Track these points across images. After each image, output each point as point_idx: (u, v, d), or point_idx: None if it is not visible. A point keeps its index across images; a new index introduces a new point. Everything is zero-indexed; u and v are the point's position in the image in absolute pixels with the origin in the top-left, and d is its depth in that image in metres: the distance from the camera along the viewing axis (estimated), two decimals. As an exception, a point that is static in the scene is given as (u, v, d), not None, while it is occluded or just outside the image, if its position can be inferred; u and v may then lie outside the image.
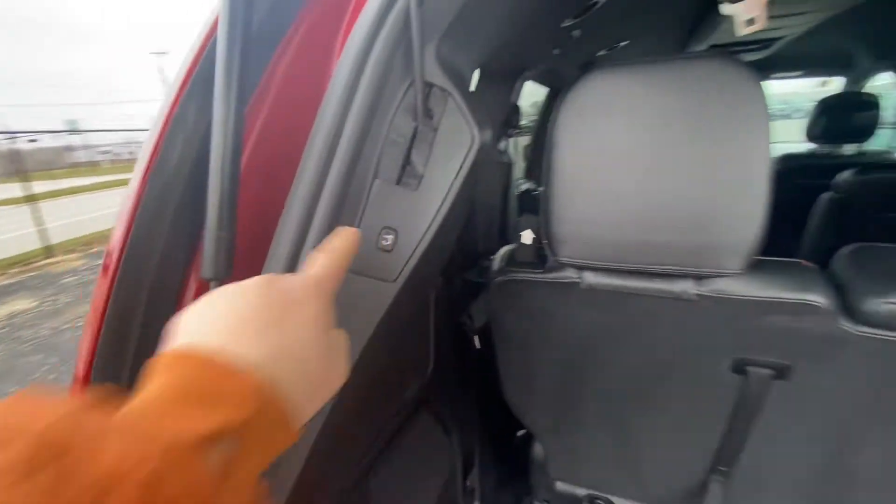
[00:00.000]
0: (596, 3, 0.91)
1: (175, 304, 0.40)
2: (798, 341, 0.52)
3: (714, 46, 1.63)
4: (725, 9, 0.44)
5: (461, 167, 0.43)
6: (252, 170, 0.40)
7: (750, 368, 0.56)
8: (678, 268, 0.52)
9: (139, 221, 0.37)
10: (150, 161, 0.37)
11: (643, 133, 0.50)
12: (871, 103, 1.73)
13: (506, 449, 1.10)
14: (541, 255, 0.62)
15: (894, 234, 0.56)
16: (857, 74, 2.04)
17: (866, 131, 1.73)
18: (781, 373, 0.55)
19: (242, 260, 0.38)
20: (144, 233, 0.37)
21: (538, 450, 0.92)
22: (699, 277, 0.52)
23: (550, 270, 0.59)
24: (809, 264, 0.53)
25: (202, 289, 0.40)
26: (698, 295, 0.52)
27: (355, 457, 0.57)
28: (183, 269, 0.40)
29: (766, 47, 1.71)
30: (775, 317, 0.50)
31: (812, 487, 0.65)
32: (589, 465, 0.89)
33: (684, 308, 0.54)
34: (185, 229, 0.40)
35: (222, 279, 0.36)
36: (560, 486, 0.97)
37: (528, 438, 0.95)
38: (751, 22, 0.43)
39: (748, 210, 0.47)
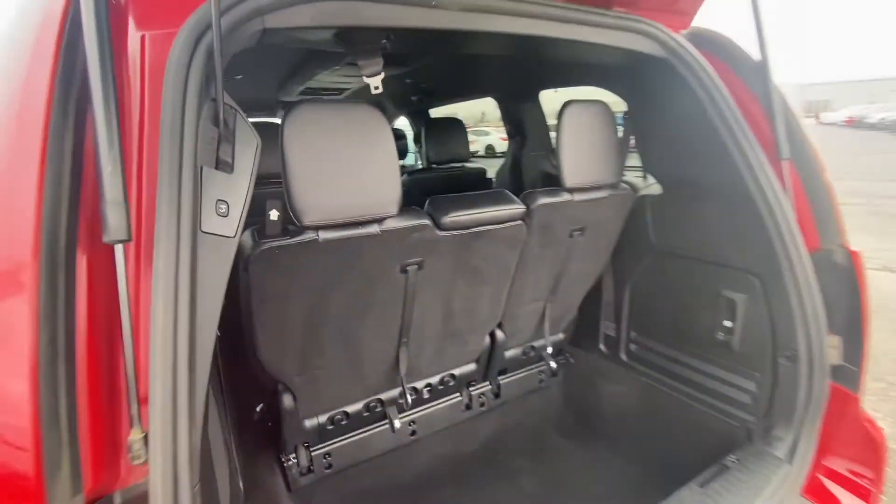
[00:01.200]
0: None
1: (75, 269, 0.43)
2: (423, 246, 1.04)
3: (308, 88, 2.18)
4: (366, 79, 0.88)
5: (254, 158, 0.66)
6: None
7: (408, 268, 1.05)
8: (369, 216, 0.92)
9: (47, 205, 0.40)
10: (43, 154, 0.41)
11: (337, 141, 0.86)
12: (402, 135, 2.84)
13: (258, 420, 1.23)
14: (284, 228, 0.87)
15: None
16: (389, 117, 3.20)
17: (404, 152, 2.84)
18: (420, 265, 1.06)
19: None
20: (51, 214, 0.40)
21: (287, 401, 1.14)
22: (379, 220, 0.94)
23: (295, 235, 0.87)
24: (419, 208, 1.06)
25: (102, 252, 0.45)
26: (381, 231, 0.95)
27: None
28: (75, 239, 0.44)
29: (339, 94, 2.45)
30: (413, 234, 1.00)
31: (441, 328, 1.24)
32: (328, 388, 1.20)
33: (374, 241, 0.95)
34: (72, 206, 0.44)
35: (126, 241, 0.47)
36: (307, 423, 1.22)
37: (277, 405, 1.14)
38: (377, 88, 0.89)
39: (394, 181, 0.93)
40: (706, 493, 0.98)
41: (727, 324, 1.20)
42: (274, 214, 0.86)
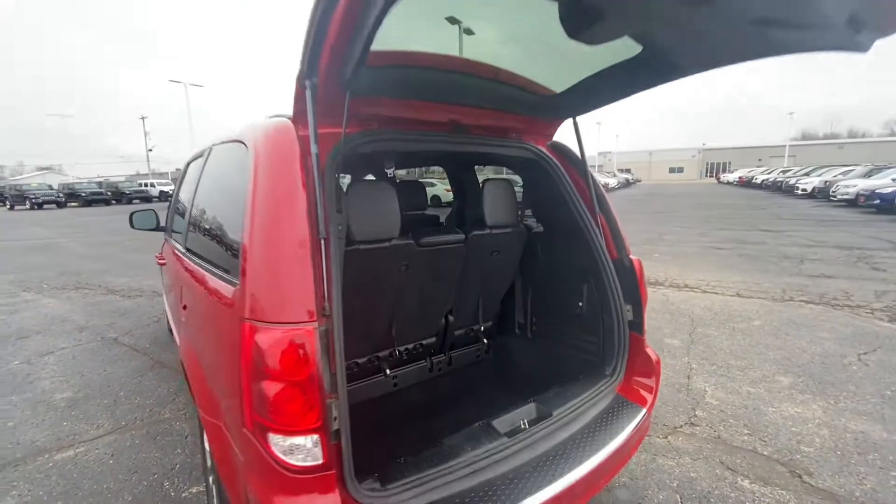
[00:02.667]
0: None
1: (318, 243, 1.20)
2: (409, 255, 1.85)
3: None
4: (386, 169, 1.71)
5: (345, 205, 1.47)
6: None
7: (401, 268, 1.85)
8: (384, 237, 1.72)
9: (310, 221, 1.18)
10: (307, 206, 1.19)
11: (371, 200, 1.68)
12: None
13: None
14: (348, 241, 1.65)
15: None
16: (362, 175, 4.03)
17: None
18: (408, 267, 1.87)
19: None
20: (312, 223, 1.18)
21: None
22: (388, 240, 1.74)
23: (349, 246, 1.65)
24: (408, 235, 1.87)
25: (318, 240, 1.21)
26: (389, 245, 1.75)
27: None
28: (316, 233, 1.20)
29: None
30: (405, 248, 1.81)
31: (417, 307, 2.03)
32: (366, 340, 1.93)
33: (385, 251, 1.74)
34: (315, 222, 1.21)
35: (325, 237, 1.25)
36: (354, 363, 1.94)
37: None
38: (392, 175, 1.73)
39: (396, 220, 1.75)
40: (563, 388, 1.82)
41: (580, 303, 2.10)
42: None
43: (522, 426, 1.58)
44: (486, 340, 2.39)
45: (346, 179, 2.63)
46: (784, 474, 2.19)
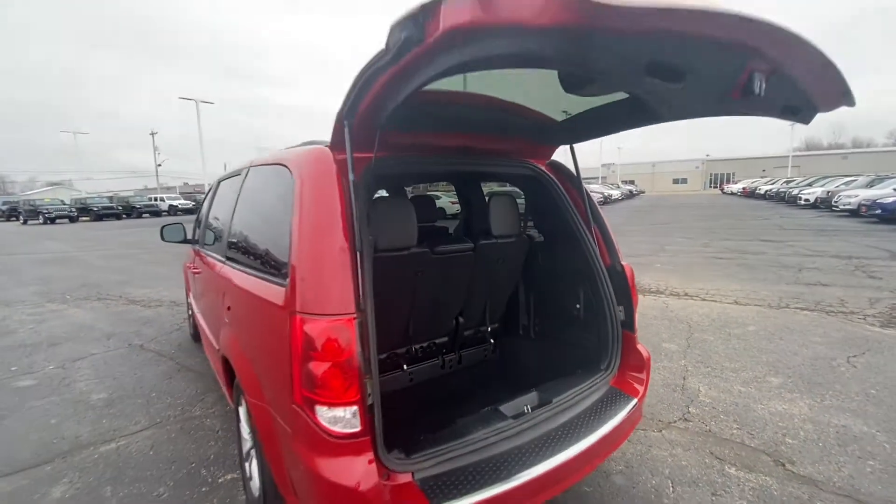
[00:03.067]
0: None
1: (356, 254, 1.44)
2: (424, 262, 2.09)
3: None
4: (406, 189, 1.96)
5: (371, 218, 1.72)
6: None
7: (417, 273, 2.09)
8: (402, 246, 1.96)
9: (349, 234, 1.42)
10: (344, 223, 1.44)
11: (392, 214, 1.93)
12: None
13: None
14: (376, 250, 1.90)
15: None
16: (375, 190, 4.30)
17: None
18: (423, 273, 2.11)
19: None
20: (351, 236, 1.43)
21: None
22: (407, 248, 1.98)
23: (376, 252, 1.89)
24: (423, 244, 2.12)
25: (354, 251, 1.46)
26: (407, 253, 1.99)
27: None
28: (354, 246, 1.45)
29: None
30: (420, 256, 2.06)
31: (430, 309, 2.27)
32: (386, 338, 2.15)
33: (403, 258, 1.99)
34: (353, 236, 1.46)
35: (361, 251, 1.49)
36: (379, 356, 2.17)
37: None
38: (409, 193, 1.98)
39: (414, 231, 2.00)
40: (565, 380, 2.03)
41: (578, 305, 2.32)
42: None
43: (526, 410, 1.80)
44: (492, 340, 2.62)
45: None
46: (768, 463, 2.38)
